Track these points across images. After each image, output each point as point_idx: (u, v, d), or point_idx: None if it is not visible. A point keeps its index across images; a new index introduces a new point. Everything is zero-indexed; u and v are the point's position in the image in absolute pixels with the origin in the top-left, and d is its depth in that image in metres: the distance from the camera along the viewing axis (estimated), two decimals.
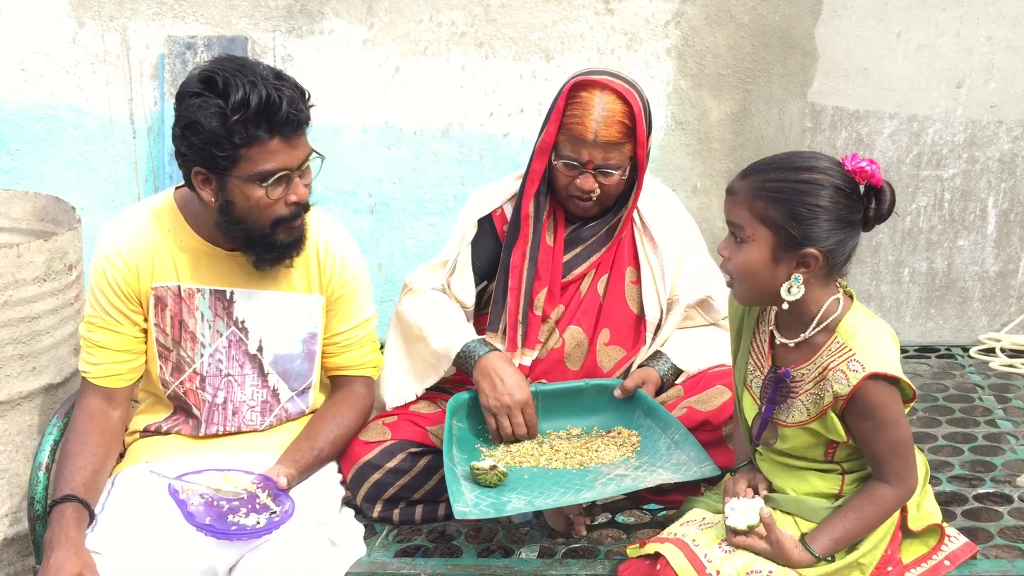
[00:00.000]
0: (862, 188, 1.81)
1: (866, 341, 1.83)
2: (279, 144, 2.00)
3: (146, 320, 2.20)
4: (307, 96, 2.05)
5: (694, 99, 3.59)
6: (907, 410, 1.88)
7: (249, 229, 2.07)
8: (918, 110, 3.56)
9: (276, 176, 2.01)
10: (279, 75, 2.01)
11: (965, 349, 3.33)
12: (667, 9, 3.51)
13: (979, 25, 3.49)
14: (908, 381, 1.83)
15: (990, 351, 3.32)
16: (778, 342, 1.93)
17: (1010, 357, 3.27)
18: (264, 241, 2.09)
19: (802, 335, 1.89)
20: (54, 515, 1.98)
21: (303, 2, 3.53)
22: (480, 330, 2.45)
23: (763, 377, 1.96)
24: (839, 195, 1.78)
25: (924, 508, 2.02)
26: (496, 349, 2.33)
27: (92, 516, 2.03)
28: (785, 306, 1.85)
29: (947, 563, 2.00)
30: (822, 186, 1.78)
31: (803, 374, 1.89)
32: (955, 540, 2.04)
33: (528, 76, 3.58)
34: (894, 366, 1.82)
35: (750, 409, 2.00)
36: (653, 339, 2.45)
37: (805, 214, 1.77)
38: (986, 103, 3.55)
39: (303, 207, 2.09)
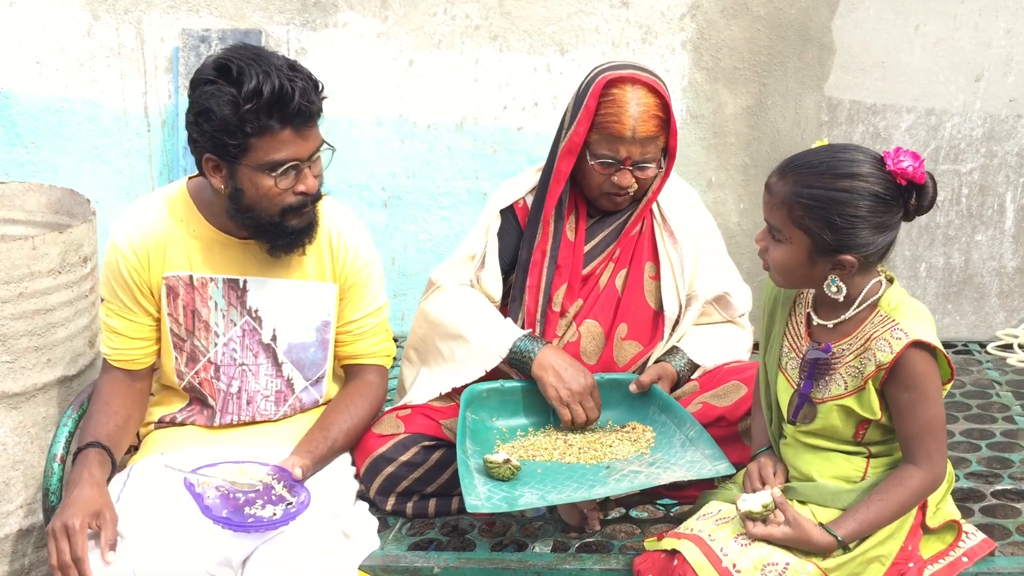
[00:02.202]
0: (903, 182, 1.80)
1: (909, 313, 1.85)
2: (290, 135, 2.00)
3: (159, 310, 2.20)
4: (320, 88, 2.06)
5: (709, 92, 3.57)
6: (944, 392, 1.89)
7: (258, 217, 2.08)
8: (936, 104, 3.54)
9: (286, 166, 2.02)
10: (293, 66, 2.02)
11: (982, 345, 3.31)
12: (683, 2, 3.49)
13: (998, 18, 3.46)
14: (948, 356, 1.85)
15: (1007, 347, 3.30)
16: (815, 323, 1.95)
17: None
18: (275, 228, 2.09)
19: (842, 316, 1.91)
20: (78, 459, 2.05)
21: None
22: None
23: (800, 357, 1.97)
24: (878, 203, 1.79)
25: (944, 509, 2.01)
26: (546, 342, 2.31)
27: (114, 464, 2.09)
28: (841, 297, 1.87)
29: (965, 559, 1.99)
30: (861, 195, 1.77)
31: (844, 349, 1.91)
32: (973, 536, 2.03)
33: (543, 69, 3.57)
34: (936, 339, 1.84)
35: (784, 391, 2.00)
36: (671, 334, 2.43)
37: (842, 224, 1.78)
38: (1005, 97, 3.52)
39: (312, 196, 2.10)
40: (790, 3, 3.48)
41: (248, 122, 1.96)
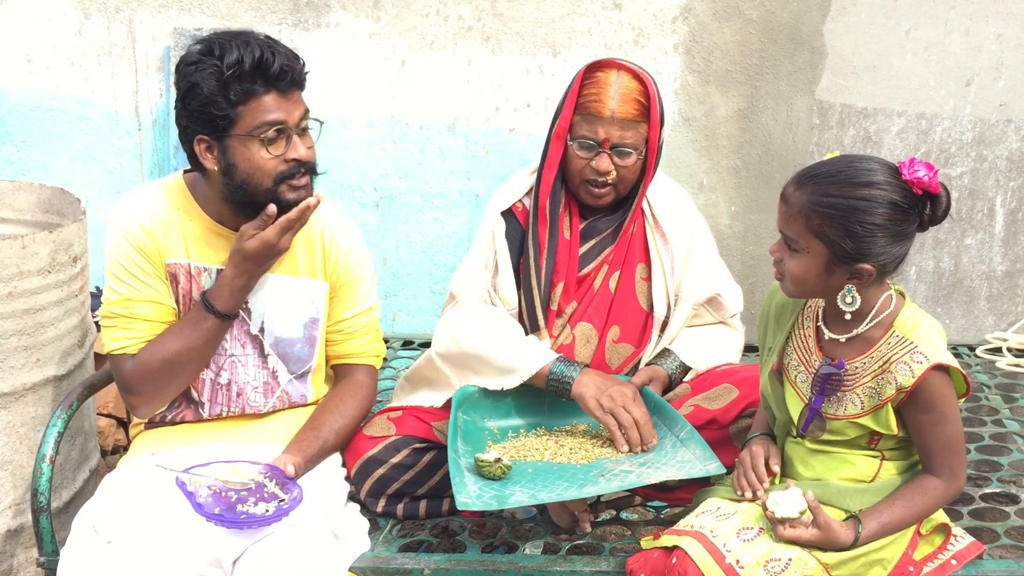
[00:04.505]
0: (919, 191, 1.81)
1: (926, 335, 1.87)
2: (275, 99, 2.05)
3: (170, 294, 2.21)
4: (301, 61, 2.11)
5: (701, 95, 3.58)
6: (959, 404, 1.91)
7: (252, 191, 2.08)
8: (926, 108, 3.55)
9: (273, 128, 2.05)
10: (270, 38, 2.09)
11: (972, 348, 3.32)
12: (675, 4, 3.50)
13: (988, 23, 3.47)
14: (965, 374, 1.87)
15: (997, 351, 3.31)
16: (827, 337, 1.96)
17: (1016, 357, 3.26)
18: (269, 202, 2.09)
19: (855, 331, 1.91)
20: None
21: None
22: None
23: (811, 371, 1.97)
24: (895, 211, 1.80)
25: (933, 516, 2.02)
26: (584, 366, 2.27)
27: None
28: (848, 316, 1.88)
29: (953, 562, 2.00)
30: (879, 204, 1.79)
31: (858, 368, 1.92)
32: (961, 539, 2.04)
33: (535, 71, 3.57)
34: (953, 359, 1.87)
35: (794, 404, 2.01)
36: (660, 336, 2.43)
37: (861, 232, 1.79)
38: (995, 101, 3.54)
39: (305, 165, 2.11)
40: (782, 7, 3.49)
41: (232, 89, 2.01)
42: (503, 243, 2.43)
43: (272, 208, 2.08)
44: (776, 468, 2.02)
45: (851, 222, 1.79)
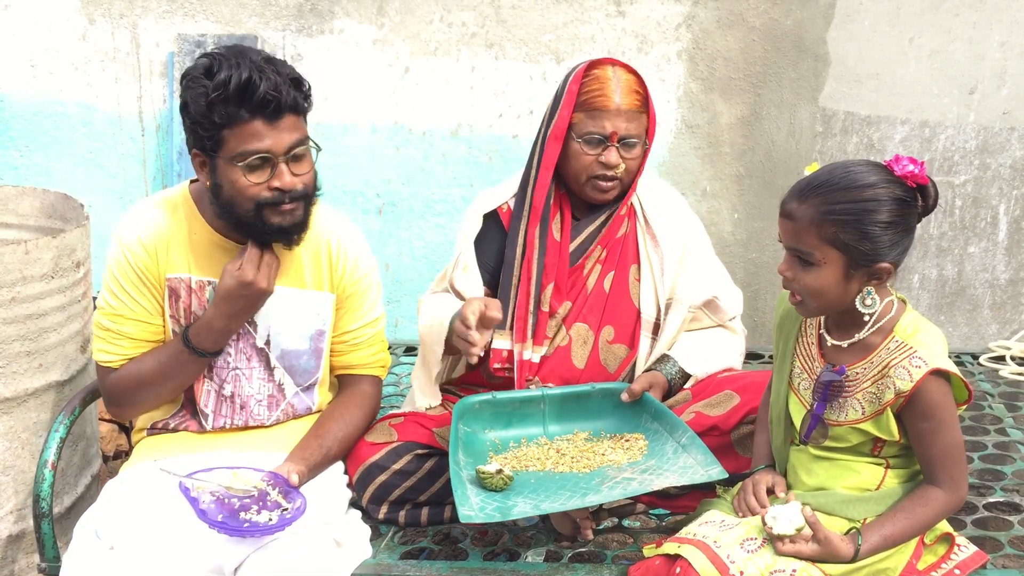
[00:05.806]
0: (913, 184, 1.86)
1: (927, 341, 1.88)
2: (261, 126, 2.00)
3: (163, 311, 2.20)
4: (304, 87, 2.06)
5: (704, 102, 3.58)
6: (960, 411, 1.91)
7: (237, 214, 2.08)
8: (930, 116, 3.55)
9: (254, 157, 2.01)
10: (270, 60, 2.02)
11: (975, 357, 3.31)
12: (678, 12, 3.50)
13: (992, 31, 3.47)
14: (965, 380, 1.87)
15: (1000, 359, 3.30)
16: (829, 344, 1.96)
17: (1020, 365, 3.25)
18: (255, 225, 2.08)
19: (857, 336, 1.92)
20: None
21: (313, 1, 3.53)
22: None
23: (813, 378, 1.98)
24: (901, 206, 1.83)
25: (937, 525, 2.02)
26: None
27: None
28: (866, 317, 1.90)
29: (957, 572, 1.99)
30: (886, 201, 1.82)
31: (859, 373, 1.92)
32: (965, 549, 2.03)
33: (538, 78, 3.57)
34: (953, 365, 1.87)
35: (797, 411, 2.01)
36: (653, 339, 2.43)
37: (877, 232, 1.81)
38: (998, 109, 3.54)
39: (291, 194, 2.06)
40: (785, 14, 3.49)
41: (216, 112, 1.98)
42: (470, 246, 2.44)
43: (251, 246, 2.10)
44: (782, 494, 2.01)
45: (865, 223, 1.81)
